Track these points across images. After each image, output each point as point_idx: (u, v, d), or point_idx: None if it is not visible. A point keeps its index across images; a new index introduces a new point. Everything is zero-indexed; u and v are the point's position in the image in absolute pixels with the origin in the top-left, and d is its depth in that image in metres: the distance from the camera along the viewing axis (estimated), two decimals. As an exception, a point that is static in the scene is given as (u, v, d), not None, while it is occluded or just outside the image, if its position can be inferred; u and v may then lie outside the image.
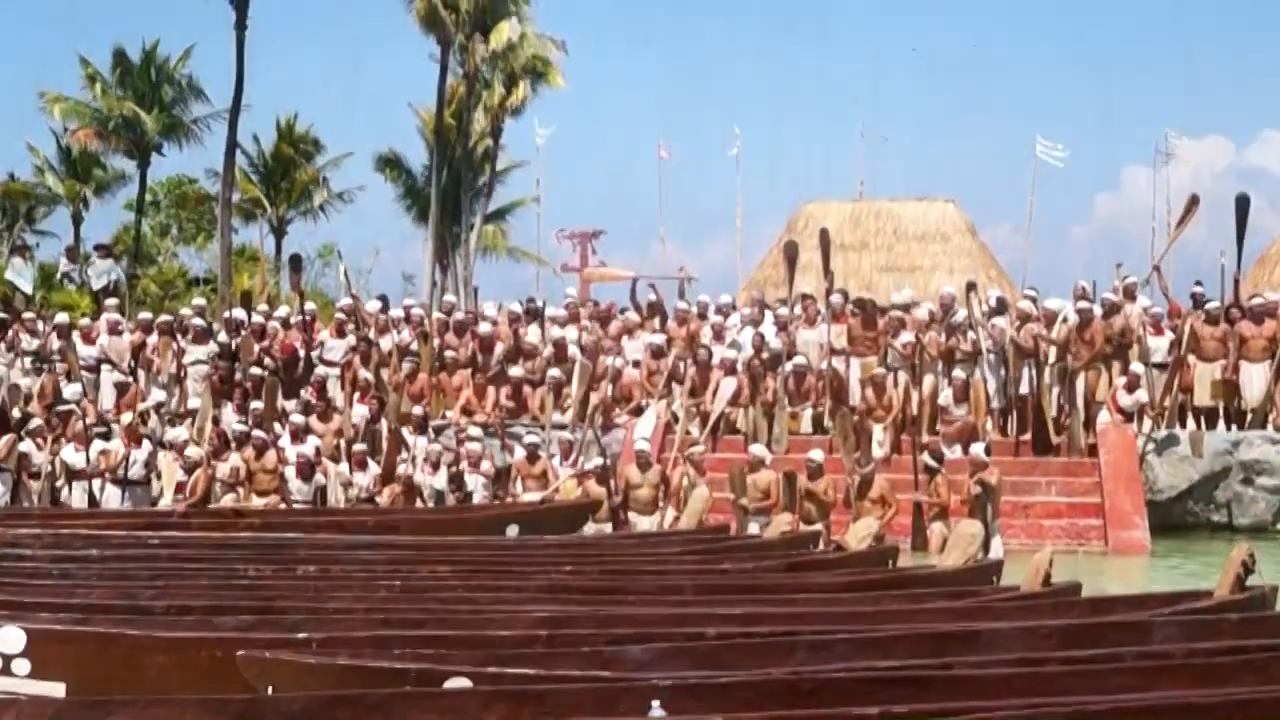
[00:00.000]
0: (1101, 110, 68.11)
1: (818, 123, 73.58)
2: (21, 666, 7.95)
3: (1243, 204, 18.92)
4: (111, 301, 21.48)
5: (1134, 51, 71.84)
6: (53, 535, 12.56)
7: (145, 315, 20.52)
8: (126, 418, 17.31)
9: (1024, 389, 17.76)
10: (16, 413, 17.66)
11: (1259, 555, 9.19)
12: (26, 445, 16.77)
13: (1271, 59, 67.94)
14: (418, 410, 17.63)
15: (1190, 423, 17.75)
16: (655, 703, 6.00)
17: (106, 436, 16.99)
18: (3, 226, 37.35)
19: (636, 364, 18.93)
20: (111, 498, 16.50)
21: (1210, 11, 73.29)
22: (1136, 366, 17.40)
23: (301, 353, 19.02)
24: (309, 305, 20.97)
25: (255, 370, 18.47)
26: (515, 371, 18.64)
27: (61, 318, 20.08)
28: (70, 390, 18.03)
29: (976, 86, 71.78)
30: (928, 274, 30.58)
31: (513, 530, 14.47)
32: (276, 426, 17.46)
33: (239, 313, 20.05)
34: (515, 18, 33.93)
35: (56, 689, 7.86)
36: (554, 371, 18.53)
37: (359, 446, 16.85)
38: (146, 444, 16.80)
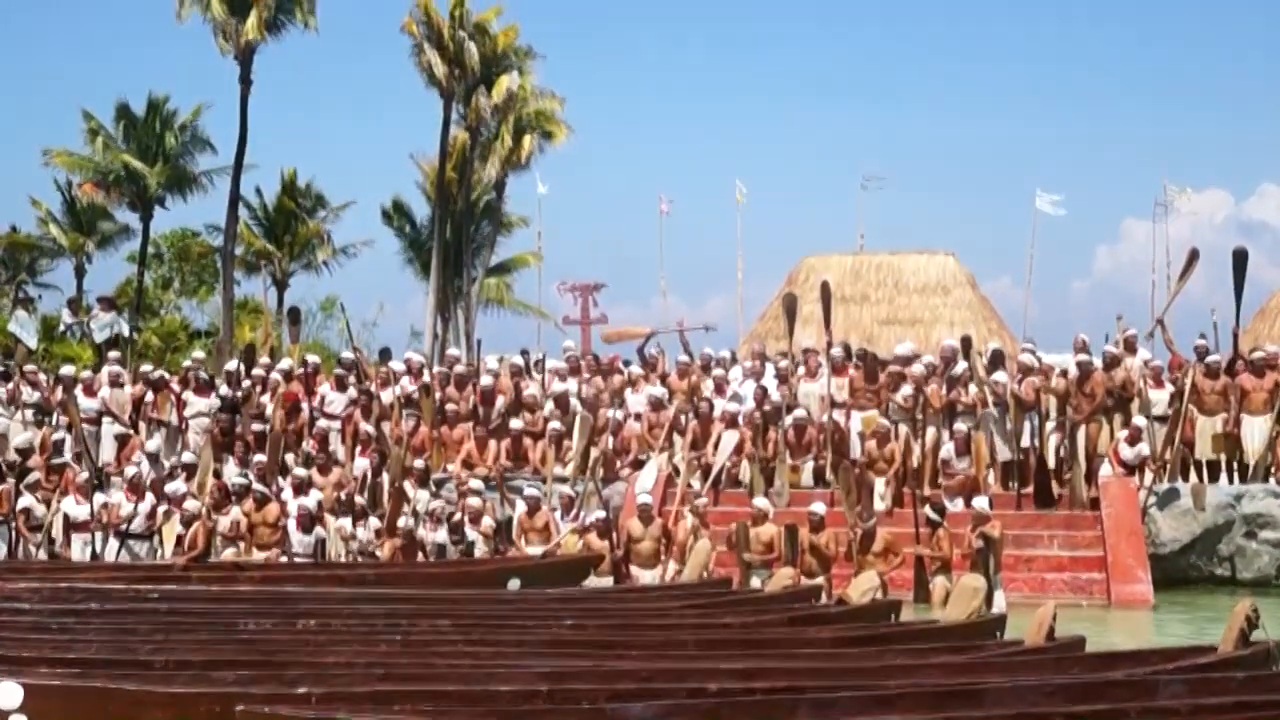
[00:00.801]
0: (1101, 163, 68.50)
1: (818, 177, 74.04)
2: (19, 722, 7.91)
3: (1240, 258, 19.00)
4: (114, 354, 21.49)
5: (1133, 104, 72.34)
6: (51, 589, 12.52)
7: (147, 368, 20.54)
8: (129, 471, 17.28)
9: (1025, 442, 17.76)
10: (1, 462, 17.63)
11: (1262, 610, 9.18)
12: (27, 499, 16.74)
13: (1270, 113, 68.42)
14: (419, 463, 17.61)
15: (1192, 476, 17.72)
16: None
17: (101, 488, 16.96)
18: (5, 279, 37.50)
19: (638, 417, 18.90)
20: (112, 551, 16.44)
21: (1209, 65, 73.88)
22: (1138, 419, 17.39)
23: (304, 406, 19.02)
24: (312, 358, 21.00)
25: (256, 425, 18.47)
26: (516, 424, 18.62)
27: (66, 370, 20.11)
28: (65, 448, 18.07)
29: (976, 139, 72.24)
30: (928, 327, 30.56)
31: (514, 584, 14.43)
32: (279, 480, 17.46)
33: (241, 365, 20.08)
34: (516, 71, 34.19)
35: (54, 745, 7.83)
36: (555, 424, 18.51)
37: (360, 500, 16.81)
38: (149, 497, 16.78)
